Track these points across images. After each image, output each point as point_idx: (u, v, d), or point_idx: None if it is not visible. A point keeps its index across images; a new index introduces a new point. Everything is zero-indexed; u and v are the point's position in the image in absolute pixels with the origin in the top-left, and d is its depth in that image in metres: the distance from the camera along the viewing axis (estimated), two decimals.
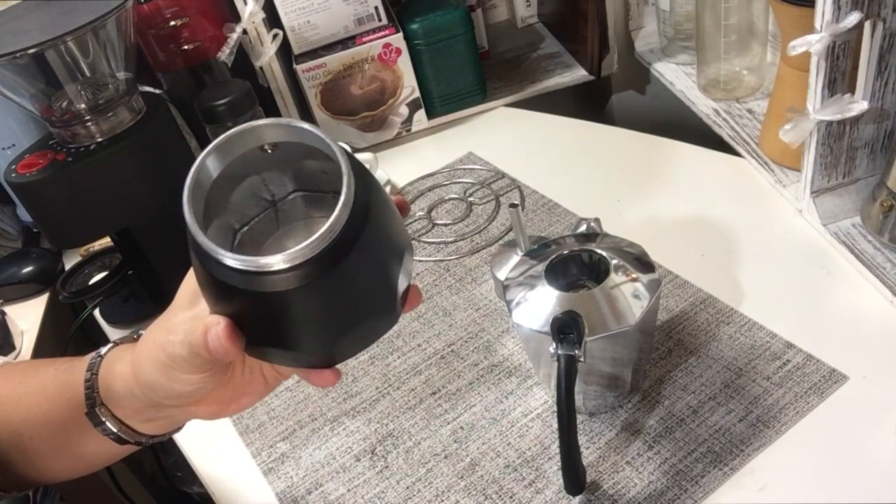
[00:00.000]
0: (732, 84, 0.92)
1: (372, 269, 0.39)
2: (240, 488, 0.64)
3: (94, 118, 0.73)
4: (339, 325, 0.39)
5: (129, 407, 0.48)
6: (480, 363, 0.69)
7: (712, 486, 0.55)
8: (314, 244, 0.35)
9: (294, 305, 0.37)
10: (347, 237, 0.36)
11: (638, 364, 0.60)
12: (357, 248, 0.36)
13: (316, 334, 0.40)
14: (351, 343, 0.42)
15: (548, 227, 0.82)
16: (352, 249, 0.36)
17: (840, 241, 0.70)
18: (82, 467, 0.55)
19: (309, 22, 0.95)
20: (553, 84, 1.06)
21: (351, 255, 0.36)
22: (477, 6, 1.12)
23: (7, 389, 0.54)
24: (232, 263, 0.35)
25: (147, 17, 0.90)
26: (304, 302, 0.37)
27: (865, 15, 0.59)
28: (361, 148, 1.01)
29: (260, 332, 0.39)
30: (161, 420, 0.49)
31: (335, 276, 0.36)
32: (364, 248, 0.37)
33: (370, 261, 0.38)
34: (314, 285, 0.36)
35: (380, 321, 0.42)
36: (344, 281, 0.37)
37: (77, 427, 0.50)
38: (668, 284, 0.71)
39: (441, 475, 0.61)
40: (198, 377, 0.43)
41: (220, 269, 0.36)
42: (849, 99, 0.64)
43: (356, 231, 0.36)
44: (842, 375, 0.59)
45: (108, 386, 0.48)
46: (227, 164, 0.38)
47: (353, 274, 0.37)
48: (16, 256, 0.99)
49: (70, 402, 0.49)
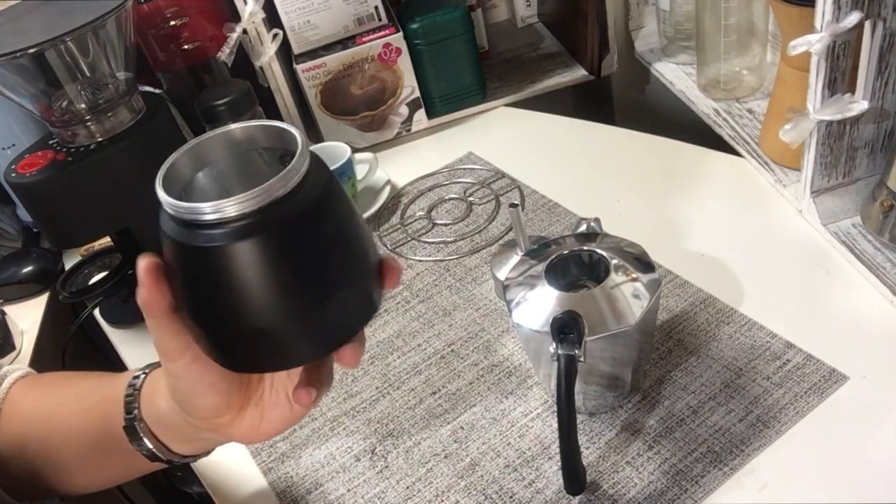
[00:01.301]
0: (732, 84, 0.92)
1: (327, 235, 0.36)
2: (240, 488, 0.64)
3: (94, 118, 0.73)
4: (292, 295, 0.36)
5: (171, 425, 0.48)
6: (480, 363, 0.69)
7: (712, 486, 0.55)
8: (257, 194, 0.33)
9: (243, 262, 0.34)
10: (299, 197, 0.34)
11: (638, 364, 0.60)
12: (310, 210, 0.35)
13: (267, 304, 0.35)
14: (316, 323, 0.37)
15: (548, 227, 0.82)
16: (303, 210, 0.34)
17: (840, 241, 0.70)
18: (104, 481, 0.55)
19: (309, 22, 0.95)
20: (553, 84, 1.06)
21: (302, 214, 0.34)
22: (477, 6, 1.12)
23: (39, 400, 0.54)
24: (171, 211, 0.35)
25: (147, 17, 0.90)
26: (248, 259, 0.34)
27: (865, 15, 0.59)
28: (361, 148, 1.01)
29: (210, 300, 0.36)
30: (197, 442, 0.49)
31: (285, 231, 0.34)
32: (318, 214, 0.35)
33: (324, 226, 0.36)
34: (261, 239, 0.34)
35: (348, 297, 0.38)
36: (294, 240, 0.35)
37: (108, 440, 0.49)
38: (668, 284, 0.71)
39: (441, 475, 0.61)
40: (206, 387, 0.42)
41: (166, 223, 0.36)
42: (849, 99, 0.64)
43: (309, 193, 0.35)
44: (842, 375, 0.59)
45: (151, 403, 0.48)
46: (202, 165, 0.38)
47: (305, 235, 0.35)
48: (16, 256, 0.99)
49: (105, 414, 0.49)
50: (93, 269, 0.90)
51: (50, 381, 0.57)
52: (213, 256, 0.34)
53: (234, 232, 0.34)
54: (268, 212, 0.34)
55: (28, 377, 0.57)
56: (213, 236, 0.34)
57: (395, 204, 0.92)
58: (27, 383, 0.56)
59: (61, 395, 0.54)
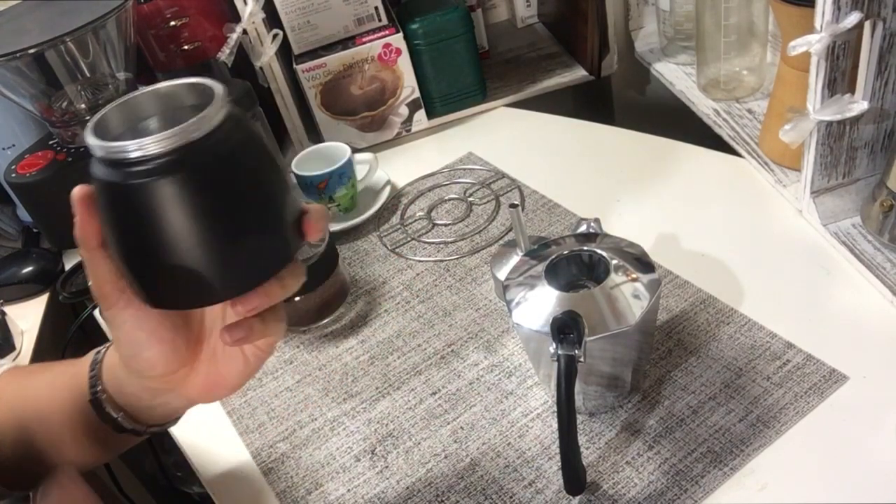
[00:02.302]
0: (732, 84, 0.92)
1: (240, 179, 0.39)
2: (240, 488, 0.64)
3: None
4: (206, 233, 0.38)
5: (130, 393, 0.49)
6: (480, 363, 0.69)
7: (712, 486, 0.55)
8: (171, 135, 0.36)
9: (155, 200, 0.37)
10: (213, 141, 0.37)
11: (638, 364, 0.60)
12: (225, 154, 0.38)
13: (182, 240, 0.38)
14: (228, 263, 0.40)
15: (548, 227, 0.82)
16: (218, 153, 0.37)
17: (840, 241, 0.70)
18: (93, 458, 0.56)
19: (309, 22, 0.95)
20: (553, 84, 1.06)
21: (218, 157, 0.37)
22: (477, 6, 1.12)
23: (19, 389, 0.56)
24: (97, 153, 0.38)
25: (147, 17, 0.90)
26: (164, 197, 0.37)
27: (865, 15, 0.59)
28: (361, 148, 1.01)
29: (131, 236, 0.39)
30: (159, 408, 0.50)
31: (199, 172, 0.37)
32: (232, 158, 0.38)
33: (237, 171, 0.39)
34: (176, 178, 0.36)
35: (260, 241, 0.41)
36: (208, 181, 0.38)
37: (83, 417, 0.51)
38: (668, 284, 0.71)
39: (441, 475, 0.61)
40: (146, 335, 0.43)
41: (94, 166, 0.39)
42: (849, 99, 0.64)
43: (225, 139, 0.37)
44: (842, 375, 0.59)
45: (111, 374, 0.49)
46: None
47: (219, 177, 0.38)
48: (16, 256, 0.99)
49: (76, 391, 0.51)
50: None
51: (28, 370, 0.58)
52: (133, 192, 0.37)
53: (151, 170, 0.36)
54: (182, 152, 0.36)
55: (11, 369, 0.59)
56: (133, 174, 0.37)
57: (395, 204, 0.92)
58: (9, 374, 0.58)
59: (38, 380, 0.55)
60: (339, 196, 0.87)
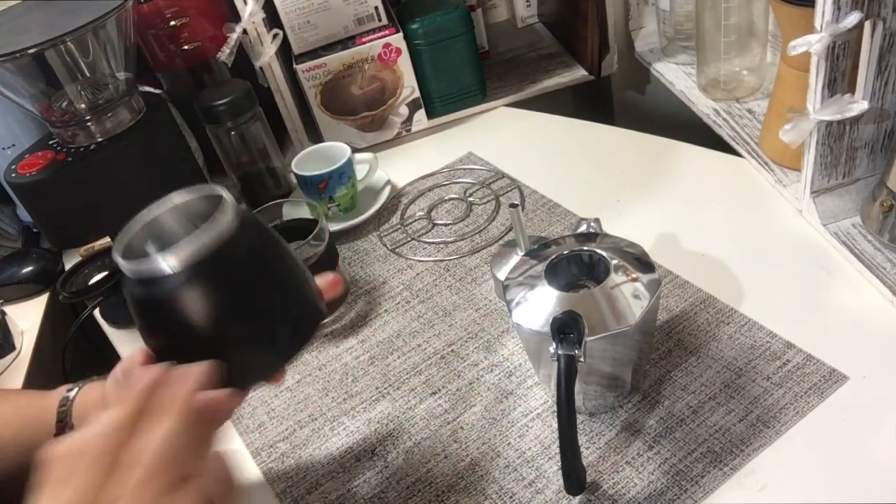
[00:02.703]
0: (732, 84, 0.92)
1: (260, 273, 0.44)
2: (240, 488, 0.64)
3: (94, 118, 0.73)
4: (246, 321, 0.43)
5: None
6: (480, 363, 0.69)
7: (712, 486, 0.55)
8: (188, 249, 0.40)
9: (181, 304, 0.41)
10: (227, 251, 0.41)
11: (638, 364, 0.60)
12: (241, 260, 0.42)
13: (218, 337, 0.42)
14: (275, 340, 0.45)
15: (548, 227, 0.82)
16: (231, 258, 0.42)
17: (840, 241, 0.70)
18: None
19: (309, 22, 0.95)
20: (553, 84, 1.06)
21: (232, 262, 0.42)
22: (477, 6, 1.12)
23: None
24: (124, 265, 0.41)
25: (147, 17, 0.90)
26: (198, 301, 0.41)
27: (865, 15, 0.59)
28: (361, 148, 1.01)
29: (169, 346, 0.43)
30: None
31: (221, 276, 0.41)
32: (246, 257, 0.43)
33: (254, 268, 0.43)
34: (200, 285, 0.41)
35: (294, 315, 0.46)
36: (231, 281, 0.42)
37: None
38: (668, 284, 0.71)
39: (441, 475, 0.61)
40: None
41: (128, 285, 0.42)
42: (849, 99, 0.64)
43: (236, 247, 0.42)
44: (842, 375, 0.59)
45: (83, 415, 0.55)
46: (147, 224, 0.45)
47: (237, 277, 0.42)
48: (16, 256, 0.99)
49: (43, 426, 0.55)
50: (93, 269, 0.90)
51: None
52: (170, 303, 0.41)
53: (181, 282, 0.40)
54: (204, 262, 0.40)
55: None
56: (164, 287, 0.40)
57: (395, 204, 0.92)
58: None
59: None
60: (339, 196, 0.87)
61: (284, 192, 0.96)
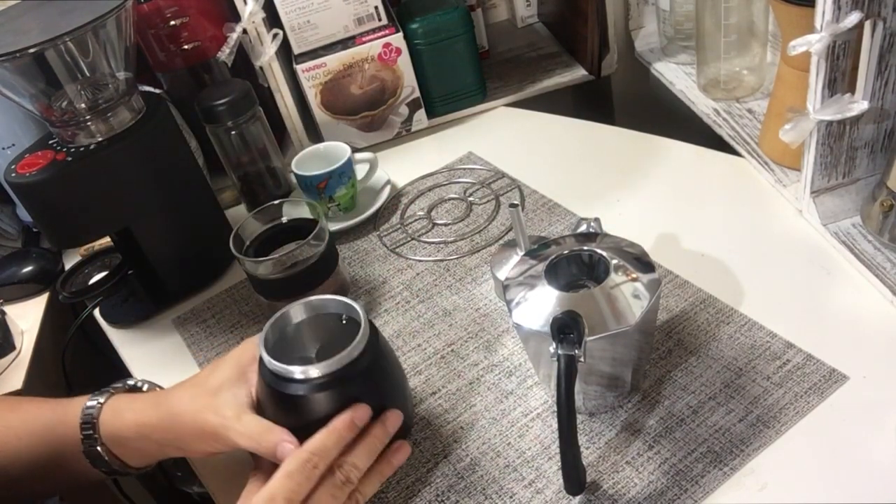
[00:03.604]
0: (732, 84, 0.92)
1: (379, 382, 0.57)
2: (240, 488, 0.64)
3: (94, 118, 0.73)
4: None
5: (136, 448, 0.59)
6: (480, 363, 0.69)
7: (712, 486, 0.55)
8: (333, 364, 0.54)
9: (316, 405, 0.54)
10: (359, 362, 0.55)
11: (638, 364, 0.60)
12: (366, 369, 0.55)
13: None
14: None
15: (548, 227, 0.82)
16: (362, 370, 0.55)
17: (840, 241, 0.70)
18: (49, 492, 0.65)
19: (309, 22, 0.95)
20: (553, 84, 1.06)
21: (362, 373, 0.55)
22: (477, 6, 1.12)
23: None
24: (270, 368, 0.55)
25: (147, 17, 0.90)
26: (323, 402, 0.54)
27: (865, 15, 0.59)
28: (361, 148, 1.01)
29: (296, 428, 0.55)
30: (155, 458, 0.61)
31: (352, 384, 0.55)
32: (372, 370, 0.56)
33: (377, 376, 0.57)
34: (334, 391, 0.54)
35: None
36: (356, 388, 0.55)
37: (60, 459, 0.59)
38: (668, 284, 0.71)
39: (441, 475, 0.61)
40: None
41: (265, 373, 0.55)
42: (849, 99, 0.64)
43: (366, 358, 0.55)
44: (842, 375, 0.59)
45: (113, 431, 0.58)
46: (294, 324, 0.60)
47: (363, 385, 0.56)
48: (16, 256, 0.99)
49: (61, 438, 0.58)
50: (93, 269, 0.90)
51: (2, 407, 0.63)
52: (299, 402, 0.54)
53: (314, 387, 0.54)
54: (339, 373, 0.54)
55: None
56: (299, 389, 0.54)
57: (395, 204, 0.92)
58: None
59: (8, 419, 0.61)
60: (339, 196, 0.87)
61: (284, 192, 0.96)
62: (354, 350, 0.54)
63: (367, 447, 0.54)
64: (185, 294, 0.86)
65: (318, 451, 0.52)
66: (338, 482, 0.52)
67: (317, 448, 0.52)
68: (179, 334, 0.81)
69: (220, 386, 0.57)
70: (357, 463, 0.53)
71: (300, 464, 0.51)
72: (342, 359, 0.54)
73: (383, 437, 0.55)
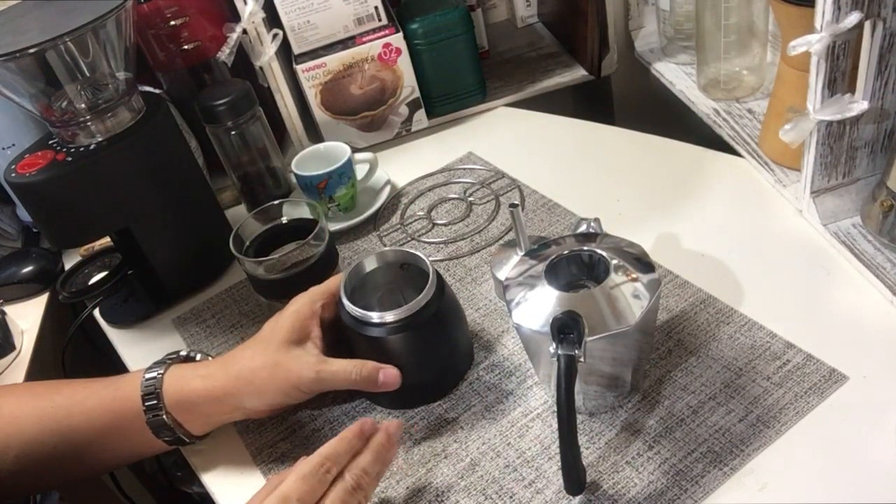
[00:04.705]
0: (732, 84, 0.92)
1: (444, 330, 0.65)
2: (240, 488, 0.64)
3: (94, 118, 0.73)
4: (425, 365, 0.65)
5: (203, 413, 0.62)
6: (480, 363, 0.69)
7: (712, 486, 0.55)
8: (406, 310, 0.62)
9: (391, 345, 0.62)
10: (428, 309, 0.62)
11: (638, 364, 0.60)
12: (433, 316, 0.62)
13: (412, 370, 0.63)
14: (440, 379, 0.67)
15: (548, 227, 0.82)
16: (429, 316, 0.62)
17: (840, 241, 0.70)
18: (126, 461, 0.68)
19: (309, 22, 0.95)
20: (553, 84, 1.06)
21: (429, 320, 0.62)
22: (477, 6, 1.12)
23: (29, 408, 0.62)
24: (352, 313, 0.63)
25: (147, 17, 0.90)
26: (397, 343, 0.62)
27: (865, 15, 0.59)
28: (361, 148, 1.01)
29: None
30: (217, 424, 0.65)
31: (420, 329, 0.62)
32: (439, 318, 0.63)
33: (443, 324, 0.64)
34: (406, 335, 0.62)
35: (456, 362, 0.68)
36: (426, 333, 0.63)
37: (119, 433, 0.61)
38: (668, 284, 0.71)
39: (441, 475, 0.61)
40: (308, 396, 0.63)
41: (358, 326, 0.63)
42: (849, 99, 0.64)
43: (433, 305, 0.63)
44: (842, 375, 0.59)
45: (179, 398, 0.61)
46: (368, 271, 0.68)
47: (431, 331, 0.63)
48: (16, 256, 0.99)
49: (118, 413, 0.61)
50: (93, 269, 0.90)
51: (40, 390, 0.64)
52: (377, 342, 0.62)
53: (390, 329, 0.62)
54: (411, 318, 0.61)
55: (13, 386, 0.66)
56: (376, 331, 0.62)
57: (395, 204, 0.92)
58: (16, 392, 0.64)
59: (58, 400, 0.62)
60: (338, 196, 0.87)
61: (284, 192, 0.96)
62: (424, 297, 0.61)
63: (375, 454, 0.56)
64: (185, 294, 0.86)
65: (331, 457, 0.54)
66: (348, 487, 0.53)
67: (329, 454, 0.54)
68: (179, 334, 0.81)
69: (287, 340, 0.61)
70: (367, 468, 0.55)
71: (314, 468, 0.53)
72: (413, 305, 0.61)
73: (388, 444, 0.56)
